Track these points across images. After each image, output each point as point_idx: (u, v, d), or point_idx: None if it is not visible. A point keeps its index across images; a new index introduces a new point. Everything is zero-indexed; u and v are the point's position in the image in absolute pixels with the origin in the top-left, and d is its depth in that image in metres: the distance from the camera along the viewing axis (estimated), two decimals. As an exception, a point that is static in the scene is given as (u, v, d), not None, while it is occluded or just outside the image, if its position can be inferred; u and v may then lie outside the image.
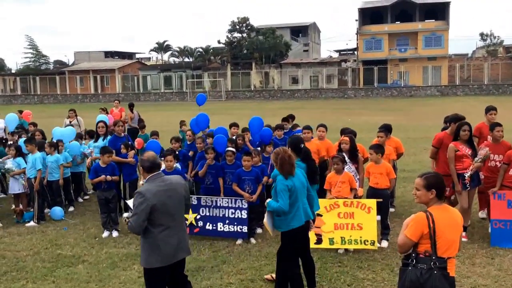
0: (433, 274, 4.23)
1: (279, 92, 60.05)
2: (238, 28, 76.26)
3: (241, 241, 8.51)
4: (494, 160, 8.39)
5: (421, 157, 15.21)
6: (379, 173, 8.09)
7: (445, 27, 64.18)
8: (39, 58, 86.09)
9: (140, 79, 68.92)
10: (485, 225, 8.81)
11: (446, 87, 56.32)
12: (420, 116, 29.69)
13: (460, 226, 4.47)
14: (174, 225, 5.23)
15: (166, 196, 5.19)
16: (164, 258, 5.15)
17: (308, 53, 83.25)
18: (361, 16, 67.05)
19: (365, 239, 7.70)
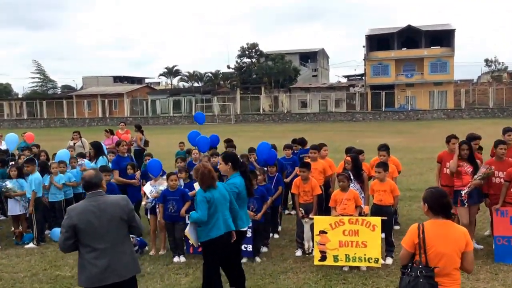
0: (418, 282, 4.44)
1: (288, 115, 61.07)
2: (248, 54, 77.49)
3: (246, 259, 8.42)
4: (498, 177, 8.44)
5: (427, 176, 16.03)
6: (383, 191, 8.30)
7: (450, 53, 65.52)
8: (46, 83, 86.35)
9: (149, 103, 69.28)
10: (489, 241, 8.93)
11: (452, 110, 57.22)
12: (427, 138, 30.43)
13: (459, 242, 4.53)
14: (103, 247, 4.97)
15: (94, 216, 4.97)
16: (91, 279, 4.96)
17: (317, 78, 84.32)
18: (368, 43, 68.37)
19: (369, 257, 7.76)
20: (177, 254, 8.74)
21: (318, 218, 8.32)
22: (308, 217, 8.56)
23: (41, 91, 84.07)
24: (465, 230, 4.71)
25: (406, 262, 4.67)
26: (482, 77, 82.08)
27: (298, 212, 8.81)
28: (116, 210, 5.08)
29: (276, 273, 7.84)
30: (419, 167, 18.25)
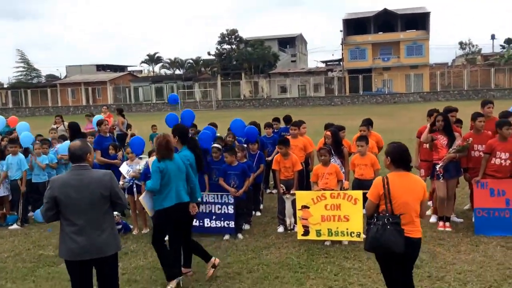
0: (386, 229, 4.77)
1: (268, 100, 61.17)
2: (227, 40, 77.48)
3: (228, 236, 8.51)
4: (477, 150, 8.50)
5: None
6: (364, 165, 8.44)
7: (425, 36, 66.38)
8: (30, 72, 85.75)
9: (131, 91, 69.32)
10: (469, 215, 9.08)
11: (428, 93, 57.92)
12: (404, 120, 30.81)
13: (418, 192, 5.00)
14: (83, 223, 4.88)
15: (74, 190, 4.87)
16: (69, 252, 4.91)
17: (295, 64, 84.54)
18: (345, 27, 68.72)
19: (351, 231, 7.79)
20: (160, 232, 8.71)
21: (300, 193, 8.37)
22: (289, 193, 8.62)
23: (26, 80, 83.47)
24: (422, 181, 5.19)
25: (372, 212, 5.03)
26: (457, 60, 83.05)
27: (279, 188, 8.84)
28: (98, 186, 4.95)
29: (259, 248, 7.91)
30: (397, 147, 18.44)
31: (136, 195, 9.00)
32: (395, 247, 4.74)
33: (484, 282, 6.29)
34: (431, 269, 6.79)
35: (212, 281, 6.68)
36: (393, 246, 4.75)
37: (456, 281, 6.37)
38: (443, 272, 6.66)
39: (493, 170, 8.22)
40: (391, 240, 4.75)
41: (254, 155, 9.85)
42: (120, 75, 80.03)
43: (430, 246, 7.71)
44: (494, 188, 8.15)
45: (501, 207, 8.11)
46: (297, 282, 6.51)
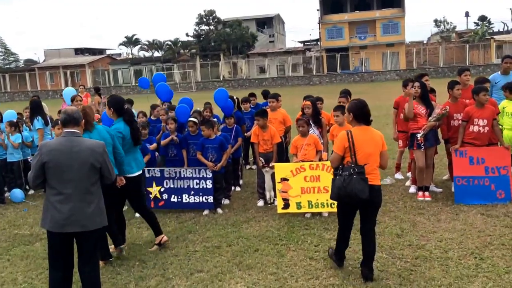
0: (353, 178, 5.22)
1: (247, 81, 60.83)
2: (205, 21, 76.91)
3: (207, 211, 8.45)
4: (457, 119, 8.49)
5: (383, 131, 15.63)
6: (343, 136, 8.54)
7: (401, 14, 66.75)
8: (8, 56, 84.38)
9: (110, 74, 68.48)
10: (448, 185, 9.13)
11: (404, 71, 57.96)
12: (382, 97, 30.86)
13: (378, 143, 5.50)
14: (70, 193, 4.74)
15: (65, 158, 4.72)
16: (53, 223, 4.76)
17: (274, 44, 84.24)
18: (322, 6, 68.75)
19: (331, 202, 7.57)
20: (139, 209, 8.55)
21: (278, 165, 8.28)
22: (269, 166, 8.51)
23: (3, 65, 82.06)
24: (381, 133, 5.68)
25: (337, 165, 5.47)
26: (432, 38, 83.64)
27: (258, 161, 8.73)
28: (89, 155, 4.80)
29: (238, 222, 7.87)
30: (375, 123, 18.01)
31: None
32: (361, 194, 5.19)
33: (465, 249, 6.30)
34: (412, 238, 6.80)
35: (190, 255, 6.62)
36: (359, 193, 5.19)
37: (437, 249, 6.38)
38: (424, 241, 6.68)
39: (471, 138, 8.24)
40: (358, 188, 5.19)
41: (231, 129, 9.68)
42: (99, 58, 78.75)
43: (410, 215, 7.73)
44: (473, 156, 8.19)
45: (481, 175, 8.14)
46: (277, 254, 6.46)
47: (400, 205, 8.30)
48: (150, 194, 8.62)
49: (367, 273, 5.56)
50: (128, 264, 6.42)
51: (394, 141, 10.30)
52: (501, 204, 7.94)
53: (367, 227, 5.62)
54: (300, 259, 6.26)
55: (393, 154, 11.88)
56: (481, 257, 6.04)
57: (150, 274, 6.08)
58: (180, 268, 6.20)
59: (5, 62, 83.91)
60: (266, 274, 5.89)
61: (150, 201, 8.63)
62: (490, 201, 8.00)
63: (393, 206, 8.24)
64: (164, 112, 10.16)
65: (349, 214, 5.67)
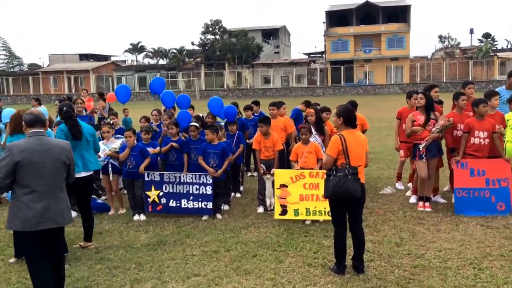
0: (348, 179, 5.63)
1: (251, 91, 61.01)
2: (211, 30, 77.25)
3: (206, 217, 8.39)
4: (461, 130, 8.46)
5: (385, 142, 16.75)
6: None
7: (406, 29, 66.87)
8: (12, 60, 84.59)
9: (114, 80, 68.57)
10: (448, 196, 9.11)
11: (407, 85, 58.07)
12: (384, 109, 31.00)
13: (365, 145, 6.01)
14: (43, 190, 4.83)
15: (38, 155, 4.82)
16: (25, 223, 4.77)
17: (279, 55, 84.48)
18: (328, 19, 68.88)
19: (329, 210, 7.53)
20: (137, 212, 8.54)
21: (278, 171, 8.27)
22: (270, 174, 8.49)
23: (7, 69, 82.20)
24: (365, 137, 6.24)
25: (330, 166, 5.86)
26: (436, 53, 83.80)
27: (259, 168, 8.71)
28: (61, 153, 5.00)
29: (238, 228, 7.82)
30: (377, 134, 18.75)
31: (112, 175, 8.83)
32: (355, 193, 5.64)
33: (464, 260, 6.27)
34: (411, 247, 6.76)
35: (188, 259, 6.57)
36: (353, 192, 5.63)
37: (436, 258, 6.34)
38: (423, 250, 6.64)
39: (473, 149, 8.26)
40: (352, 187, 5.62)
41: (233, 135, 9.68)
42: (103, 64, 78.76)
43: (410, 225, 7.70)
44: (474, 168, 8.18)
45: (481, 187, 8.13)
46: (275, 260, 6.42)
47: (400, 214, 8.27)
48: (149, 198, 8.56)
49: (358, 265, 5.93)
50: (125, 266, 6.38)
51: (396, 151, 10.28)
52: (501, 216, 7.91)
53: (356, 223, 5.99)
54: (298, 266, 6.22)
55: (394, 164, 11.93)
56: (480, 268, 6.00)
57: (146, 277, 6.04)
58: (177, 272, 6.15)
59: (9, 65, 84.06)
60: (264, 280, 5.85)
61: (148, 205, 8.60)
62: (490, 213, 7.97)
63: (393, 216, 8.21)
64: (167, 117, 10.18)
65: (342, 211, 5.97)
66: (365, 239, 6.72)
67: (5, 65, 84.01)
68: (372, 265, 6.17)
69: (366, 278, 5.78)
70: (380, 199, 9.31)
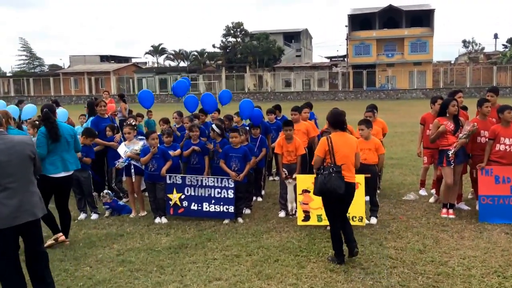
0: (332, 177, 6.16)
1: (272, 94, 61.07)
2: (233, 33, 77.49)
3: (228, 220, 8.38)
4: (484, 137, 8.39)
5: (408, 147, 16.51)
6: (368, 149, 8.12)
7: (429, 33, 66.21)
8: (33, 61, 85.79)
9: (135, 81, 69.07)
10: (472, 203, 9.01)
11: (430, 90, 57.65)
12: (407, 114, 30.82)
13: (353, 146, 6.49)
14: (15, 186, 4.96)
15: (3, 154, 4.93)
16: (2, 220, 4.87)
17: (300, 58, 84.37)
18: (350, 23, 68.61)
19: (353, 215, 7.60)
20: (158, 215, 8.56)
21: (300, 176, 8.20)
22: (292, 178, 8.45)
23: (28, 69, 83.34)
24: (355, 139, 6.82)
25: (319, 166, 6.41)
26: (460, 58, 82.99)
27: (281, 172, 8.67)
28: (25, 148, 5.15)
29: (259, 232, 7.78)
30: (400, 139, 18.56)
31: (134, 177, 8.88)
32: (338, 189, 6.13)
33: (489, 268, 6.17)
34: (435, 254, 6.68)
35: (209, 263, 6.56)
36: (337, 189, 6.13)
37: (460, 266, 6.26)
38: (447, 257, 6.56)
39: (498, 156, 8.16)
40: (336, 184, 6.13)
41: (256, 139, 9.66)
42: (124, 65, 79.28)
43: (433, 232, 7.61)
44: (499, 175, 8.06)
45: (506, 194, 8.02)
46: (297, 265, 6.38)
47: (423, 221, 8.17)
48: (170, 200, 8.59)
49: (351, 247, 6.40)
50: (146, 269, 6.40)
51: (418, 157, 10.16)
52: (526, 224, 7.78)
53: (343, 217, 6.57)
54: (320, 271, 6.18)
55: (417, 170, 11.80)
56: (505, 276, 5.91)
57: (168, 280, 6.05)
58: (199, 275, 6.16)
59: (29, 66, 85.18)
60: (286, 285, 5.82)
61: (170, 208, 8.63)
62: (515, 221, 7.86)
63: (416, 222, 8.13)
64: (188, 119, 10.20)
65: (333, 207, 6.45)
66: (388, 245, 7.03)
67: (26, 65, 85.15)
68: (395, 272, 6.11)
69: (389, 285, 5.73)
70: (403, 205, 9.21)
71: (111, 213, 9.01)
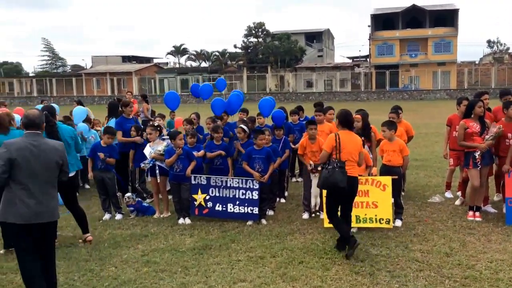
0: (335, 171, 6.53)
1: (294, 95, 60.86)
2: (254, 33, 77.78)
3: (251, 222, 8.35)
4: (509, 139, 8.30)
5: (433, 148, 16.38)
6: (392, 151, 8.03)
7: (453, 33, 65.65)
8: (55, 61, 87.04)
9: (157, 82, 69.67)
10: (499, 206, 8.88)
11: (455, 91, 57.04)
12: (431, 115, 30.49)
13: (358, 144, 6.90)
14: (35, 187, 5.13)
15: (33, 155, 5.11)
16: (19, 216, 5.07)
17: (322, 59, 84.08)
18: (373, 22, 68.29)
19: (380, 218, 7.62)
20: (182, 216, 8.59)
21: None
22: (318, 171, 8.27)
23: (51, 69, 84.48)
24: (361, 139, 7.12)
25: (325, 160, 6.78)
26: (484, 59, 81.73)
27: (307, 164, 8.47)
28: (54, 153, 5.32)
29: (283, 234, 7.75)
30: (424, 141, 18.38)
31: (159, 177, 8.92)
32: (340, 183, 6.49)
33: (517, 272, 6.06)
34: (462, 257, 6.59)
35: (233, 264, 6.55)
36: (339, 183, 6.49)
37: (487, 269, 6.16)
38: (474, 261, 6.46)
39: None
40: (338, 179, 6.49)
41: (279, 140, 9.60)
42: (146, 66, 79.92)
43: (460, 235, 7.51)
44: (527, 178, 7.87)
45: (534, 197, 7.82)
46: (322, 268, 6.35)
47: (449, 224, 8.07)
48: (195, 201, 8.62)
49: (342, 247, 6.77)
50: (171, 270, 6.42)
51: (444, 158, 10.03)
52: (555, 227, 7.64)
53: (346, 212, 6.98)
54: (345, 274, 6.13)
55: (442, 172, 11.66)
56: (534, 281, 5.79)
57: (193, 281, 6.06)
58: (223, 277, 6.15)
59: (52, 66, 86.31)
60: (311, 287, 5.79)
61: (194, 208, 8.65)
62: (544, 224, 7.71)
63: (442, 225, 8.03)
64: (211, 120, 10.24)
65: (334, 200, 6.87)
66: (414, 248, 6.97)
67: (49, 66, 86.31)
68: (421, 275, 6.03)
69: (416, 289, 5.66)
70: (429, 207, 9.10)
71: (136, 214, 9.07)
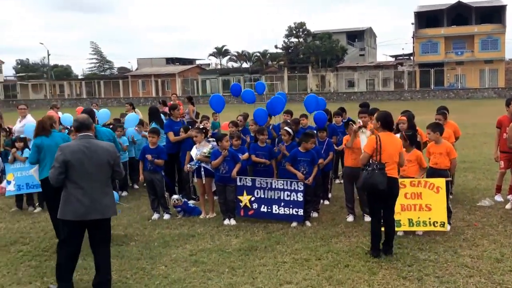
0: (375, 173, 6.54)
1: (335, 94, 60.33)
2: (295, 33, 77.60)
3: (295, 223, 8.36)
4: None
5: (481, 149, 15.99)
6: (439, 153, 7.88)
7: (501, 30, 63.75)
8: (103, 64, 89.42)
9: (199, 83, 70.57)
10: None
11: (503, 89, 55.49)
12: (479, 115, 29.71)
13: (398, 146, 6.86)
14: (89, 186, 5.52)
15: (86, 156, 5.51)
16: (75, 213, 5.47)
17: (364, 57, 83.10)
18: (417, 20, 67.00)
19: (434, 221, 7.44)
20: (228, 216, 8.69)
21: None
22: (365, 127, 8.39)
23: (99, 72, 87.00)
24: (400, 140, 7.14)
25: (366, 162, 6.75)
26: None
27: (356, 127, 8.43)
28: (105, 154, 5.67)
29: (328, 236, 7.74)
30: (472, 141, 17.93)
31: (204, 178, 9.04)
32: (380, 185, 6.50)
33: None
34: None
35: (279, 266, 6.59)
36: (378, 184, 6.50)
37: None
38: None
39: None
40: (378, 180, 6.50)
41: (323, 142, 9.54)
42: (189, 67, 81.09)
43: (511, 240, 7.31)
44: None
45: None
46: (369, 271, 6.30)
47: (499, 228, 7.88)
48: (241, 202, 8.71)
49: (387, 250, 6.79)
50: (218, 270, 6.51)
51: (495, 161, 9.79)
52: None
53: (388, 214, 6.86)
54: (393, 278, 6.07)
55: (492, 175, 11.37)
56: None
57: (240, 281, 6.12)
58: (269, 278, 6.19)
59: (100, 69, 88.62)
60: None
61: (240, 209, 8.74)
62: None
63: (492, 230, 7.84)
64: (253, 122, 10.33)
65: (376, 203, 6.84)
66: (463, 253, 6.81)
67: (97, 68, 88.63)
68: (471, 281, 5.92)
69: (466, 295, 5.57)
70: (478, 211, 8.90)
71: (183, 214, 9.21)
